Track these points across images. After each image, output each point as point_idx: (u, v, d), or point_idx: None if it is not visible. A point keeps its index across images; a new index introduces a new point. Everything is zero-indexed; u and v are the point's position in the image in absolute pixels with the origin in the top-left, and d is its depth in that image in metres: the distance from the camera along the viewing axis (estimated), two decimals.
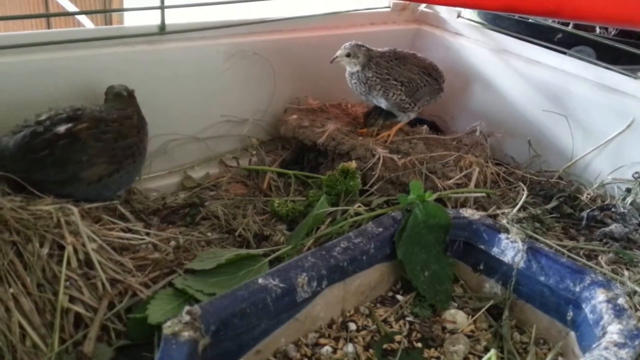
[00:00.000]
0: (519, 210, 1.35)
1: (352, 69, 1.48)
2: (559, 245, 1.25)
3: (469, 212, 1.14)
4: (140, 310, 0.94)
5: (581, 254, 1.25)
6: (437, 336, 1.02)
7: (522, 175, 1.58)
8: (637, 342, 0.83)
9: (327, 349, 0.97)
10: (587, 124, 1.55)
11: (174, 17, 1.38)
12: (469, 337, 1.03)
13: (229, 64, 1.47)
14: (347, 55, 1.44)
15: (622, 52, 1.62)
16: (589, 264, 1.21)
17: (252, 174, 1.51)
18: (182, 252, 1.15)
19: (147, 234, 1.17)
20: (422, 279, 1.09)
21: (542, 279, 1.02)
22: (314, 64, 1.64)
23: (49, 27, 3.12)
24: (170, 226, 1.26)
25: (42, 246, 0.96)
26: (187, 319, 0.79)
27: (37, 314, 0.89)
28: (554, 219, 1.40)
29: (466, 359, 0.99)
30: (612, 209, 1.41)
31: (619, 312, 0.89)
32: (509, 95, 1.70)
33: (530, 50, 1.69)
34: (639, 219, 1.36)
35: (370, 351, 0.98)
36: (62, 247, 0.97)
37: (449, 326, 1.05)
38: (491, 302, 1.09)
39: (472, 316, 1.07)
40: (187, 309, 0.80)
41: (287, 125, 1.53)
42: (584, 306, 0.95)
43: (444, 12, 1.90)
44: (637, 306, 1.08)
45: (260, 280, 0.90)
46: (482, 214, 1.15)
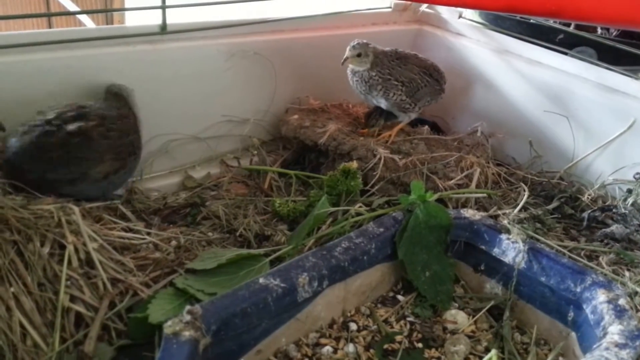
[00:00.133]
0: (520, 210, 1.35)
1: (361, 67, 1.46)
2: (559, 245, 1.25)
3: (470, 213, 1.14)
4: (141, 309, 0.94)
5: (582, 254, 1.25)
6: (438, 336, 1.02)
7: (523, 175, 1.59)
8: (637, 343, 0.83)
9: (327, 349, 0.97)
10: (588, 125, 1.55)
11: (175, 17, 1.38)
12: (469, 337, 1.03)
13: (230, 64, 1.47)
14: (359, 55, 1.43)
15: (624, 53, 1.62)
16: (590, 264, 1.21)
17: (253, 174, 1.51)
18: (183, 251, 1.15)
19: (148, 234, 1.17)
20: (423, 279, 1.09)
21: (543, 279, 1.02)
22: (315, 64, 1.64)
23: (50, 26, 3.12)
24: (171, 226, 1.26)
25: (43, 245, 0.96)
26: (188, 318, 0.79)
27: (37, 313, 0.89)
28: (555, 219, 1.40)
29: (467, 359, 0.99)
30: (613, 210, 1.41)
31: (619, 313, 0.89)
32: (510, 95, 1.70)
33: (531, 50, 1.69)
34: None
35: (371, 351, 0.98)
36: (63, 247, 0.97)
37: (450, 326, 1.05)
38: (492, 303, 1.09)
39: (473, 316, 1.07)
40: (188, 308, 0.80)
41: (288, 125, 1.53)
42: (584, 307, 0.95)
43: (446, 13, 1.90)
44: (638, 307, 1.08)
45: (261, 280, 0.90)
46: (483, 214, 1.14)
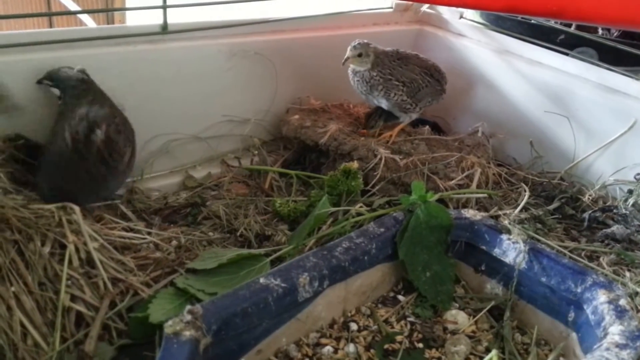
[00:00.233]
0: (521, 211, 1.35)
1: (362, 67, 1.46)
2: (560, 246, 1.25)
3: (470, 213, 1.14)
4: (141, 309, 0.94)
5: (583, 255, 1.25)
6: (439, 337, 1.02)
7: (523, 176, 1.58)
8: (638, 343, 0.82)
9: (328, 349, 0.97)
10: (589, 125, 1.55)
11: (176, 17, 1.38)
12: (470, 337, 1.03)
13: (231, 64, 1.47)
14: (359, 55, 1.42)
15: (625, 54, 1.62)
16: (591, 265, 1.21)
17: (254, 174, 1.51)
18: (184, 251, 1.15)
19: (149, 234, 1.17)
20: (424, 280, 1.09)
21: (544, 279, 1.02)
22: (316, 64, 1.64)
23: (51, 26, 3.12)
24: (171, 226, 1.26)
25: (43, 245, 0.96)
26: (188, 318, 0.79)
27: (38, 312, 0.90)
28: (555, 220, 1.40)
29: (467, 359, 0.99)
30: (614, 210, 1.41)
31: (620, 313, 0.89)
32: (511, 96, 1.70)
33: (532, 51, 1.69)
34: None
35: (371, 351, 0.98)
36: (63, 246, 0.97)
37: (450, 327, 1.05)
38: (492, 303, 1.08)
39: (474, 317, 1.07)
40: (188, 308, 0.80)
41: (289, 125, 1.53)
42: (585, 307, 0.95)
43: (447, 13, 1.90)
44: (639, 307, 1.08)
45: (261, 279, 0.90)
46: (484, 214, 1.14)
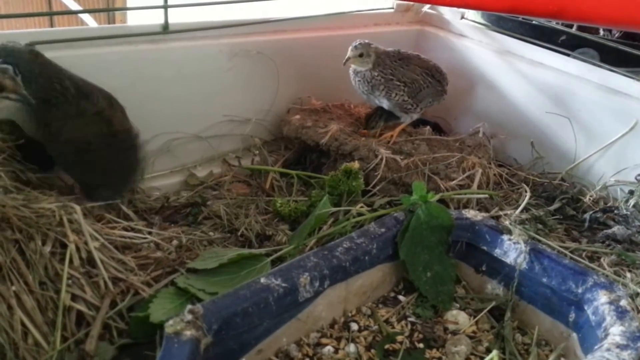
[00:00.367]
0: (522, 211, 1.34)
1: (363, 67, 1.46)
2: (561, 246, 1.25)
3: (471, 213, 1.14)
4: (142, 309, 0.94)
5: (583, 255, 1.25)
6: (439, 337, 1.02)
7: (524, 176, 1.58)
8: (639, 344, 0.82)
9: (328, 349, 0.97)
10: (590, 126, 1.54)
11: (177, 17, 1.38)
12: (470, 338, 1.02)
13: (232, 64, 1.47)
14: (360, 55, 1.42)
15: (626, 55, 1.62)
16: (592, 265, 1.20)
17: (255, 174, 1.51)
18: (185, 251, 1.15)
19: (150, 233, 1.17)
20: (425, 280, 1.09)
21: (545, 280, 1.02)
22: (317, 65, 1.64)
23: (52, 25, 3.13)
24: (172, 225, 1.26)
25: (44, 244, 0.95)
26: (189, 317, 0.79)
27: (39, 312, 0.89)
28: (556, 220, 1.39)
29: (468, 359, 0.98)
30: (615, 211, 1.40)
31: (621, 314, 0.88)
32: (512, 96, 1.70)
33: (533, 51, 1.69)
34: None
35: (372, 351, 0.98)
36: (64, 246, 0.97)
37: (451, 327, 1.05)
38: (493, 303, 1.08)
39: (474, 317, 1.07)
40: (189, 307, 0.80)
41: (290, 125, 1.53)
42: (586, 308, 0.95)
43: (448, 14, 1.90)
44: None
45: (262, 279, 0.90)
46: (485, 215, 1.14)
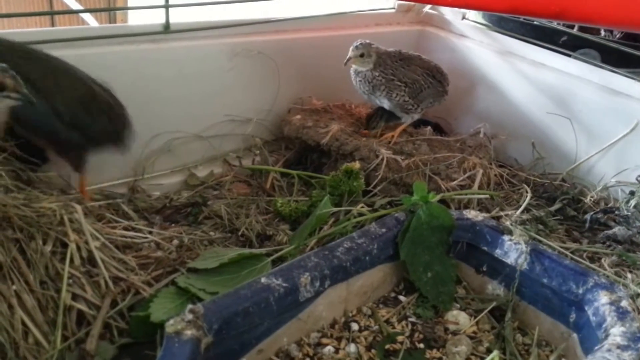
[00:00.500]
0: (523, 212, 1.34)
1: (364, 67, 1.46)
2: (562, 247, 1.25)
3: (472, 214, 1.14)
4: (142, 308, 0.94)
5: (584, 256, 1.25)
6: (440, 337, 1.02)
7: (525, 177, 1.58)
8: (639, 345, 0.83)
9: (329, 349, 0.97)
10: (591, 127, 1.54)
11: (178, 16, 1.38)
12: (471, 338, 1.02)
13: (233, 64, 1.47)
14: (361, 55, 1.42)
15: (627, 55, 1.62)
16: (592, 266, 1.20)
17: (256, 174, 1.51)
18: (185, 251, 1.15)
19: (150, 233, 1.17)
20: (425, 280, 1.09)
21: (545, 280, 1.02)
22: (318, 65, 1.64)
23: (53, 25, 3.13)
24: (173, 225, 1.26)
25: (45, 244, 0.95)
26: (189, 317, 0.79)
27: (39, 311, 0.89)
28: (557, 221, 1.39)
29: (468, 359, 0.99)
30: (616, 212, 1.40)
31: (622, 315, 0.88)
32: (513, 97, 1.70)
33: (535, 52, 1.69)
34: None
35: (372, 351, 0.98)
36: (65, 245, 0.97)
37: (452, 327, 1.05)
38: (494, 304, 1.08)
39: (475, 317, 1.07)
40: (190, 307, 0.80)
41: (291, 125, 1.53)
42: (586, 308, 0.95)
43: (449, 14, 1.90)
44: None
45: (263, 279, 0.90)
46: (486, 215, 1.14)
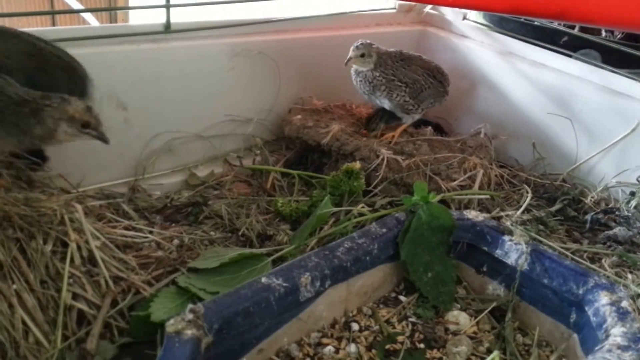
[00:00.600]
0: (523, 212, 1.34)
1: (365, 67, 1.46)
2: (562, 247, 1.25)
3: (472, 214, 1.14)
4: (143, 308, 0.94)
5: (585, 256, 1.25)
6: (440, 337, 1.02)
7: (526, 177, 1.58)
8: None
9: (329, 349, 0.97)
10: (591, 127, 1.54)
11: (179, 16, 1.38)
12: (471, 338, 1.02)
13: (233, 63, 1.47)
14: (362, 55, 1.42)
15: (628, 56, 1.62)
16: (593, 266, 1.20)
17: (256, 174, 1.51)
18: (186, 250, 1.15)
19: (151, 232, 1.17)
20: (425, 280, 1.09)
21: (546, 281, 1.02)
22: (319, 65, 1.64)
23: (54, 24, 3.13)
24: (173, 225, 1.26)
25: (45, 243, 0.96)
26: (190, 317, 0.79)
27: (40, 310, 0.90)
28: (557, 221, 1.39)
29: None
30: (616, 212, 1.40)
31: (622, 315, 0.88)
32: (514, 97, 1.70)
33: (535, 52, 1.69)
34: None
35: (372, 351, 0.98)
36: (65, 244, 0.97)
37: (452, 327, 1.05)
38: (494, 304, 1.08)
39: (475, 318, 1.07)
40: (190, 307, 0.80)
41: (292, 125, 1.53)
42: (587, 309, 0.95)
43: (450, 14, 1.89)
44: None
45: (263, 279, 0.90)
46: (486, 215, 1.14)
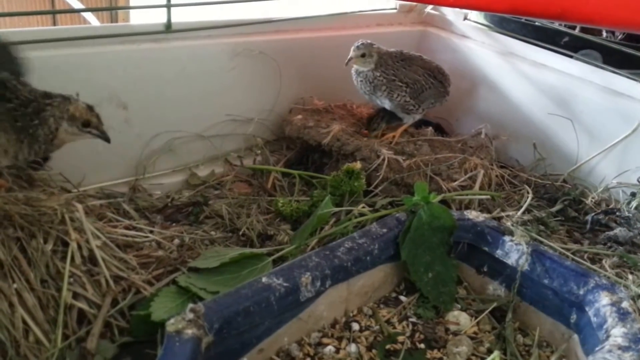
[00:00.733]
0: (524, 213, 1.34)
1: (365, 68, 1.46)
2: (563, 248, 1.24)
3: (473, 214, 1.14)
4: (143, 307, 0.94)
5: (585, 257, 1.25)
6: (440, 337, 1.02)
7: (526, 178, 1.58)
8: None
9: (329, 349, 0.97)
10: (592, 128, 1.54)
11: (180, 16, 1.38)
12: (472, 338, 1.02)
13: (234, 63, 1.47)
14: (363, 55, 1.43)
15: (629, 56, 1.62)
16: (593, 267, 1.20)
17: (257, 174, 1.51)
18: (186, 250, 1.15)
19: (151, 232, 1.17)
20: (426, 280, 1.09)
21: (546, 281, 1.02)
22: (319, 65, 1.64)
23: (54, 24, 3.13)
24: (174, 224, 1.26)
25: (46, 242, 0.96)
26: (190, 316, 0.79)
27: (40, 309, 0.90)
28: (558, 222, 1.39)
29: None
30: (617, 213, 1.40)
31: (623, 316, 0.88)
32: (515, 98, 1.70)
33: (536, 53, 1.69)
34: None
35: (373, 351, 0.98)
36: (66, 244, 0.98)
37: (452, 327, 1.05)
38: (495, 304, 1.08)
39: (476, 318, 1.07)
40: (190, 306, 0.80)
41: (292, 125, 1.53)
42: (587, 309, 0.95)
43: (450, 14, 1.89)
44: None
45: (264, 279, 0.90)
46: (487, 216, 1.14)
